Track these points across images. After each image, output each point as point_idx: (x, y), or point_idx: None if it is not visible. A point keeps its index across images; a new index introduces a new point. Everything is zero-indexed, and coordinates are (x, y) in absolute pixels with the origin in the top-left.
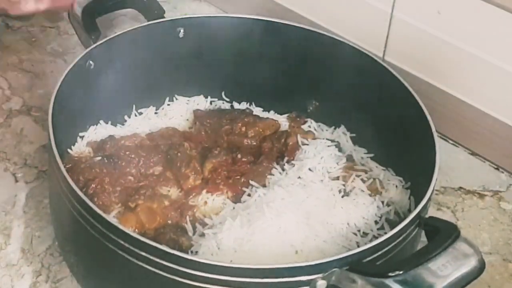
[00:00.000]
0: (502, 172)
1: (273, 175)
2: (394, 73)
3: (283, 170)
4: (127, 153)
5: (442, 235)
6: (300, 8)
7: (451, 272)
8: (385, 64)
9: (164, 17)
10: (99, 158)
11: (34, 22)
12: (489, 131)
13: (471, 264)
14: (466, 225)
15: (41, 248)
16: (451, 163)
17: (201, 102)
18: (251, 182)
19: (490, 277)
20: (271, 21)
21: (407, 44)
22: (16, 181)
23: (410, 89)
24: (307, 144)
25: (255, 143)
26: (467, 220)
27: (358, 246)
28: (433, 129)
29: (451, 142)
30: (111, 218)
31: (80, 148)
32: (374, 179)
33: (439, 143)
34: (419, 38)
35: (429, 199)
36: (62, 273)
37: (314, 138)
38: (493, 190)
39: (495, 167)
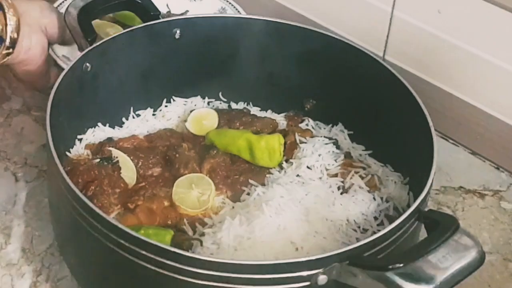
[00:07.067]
0: (503, 172)
1: (272, 173)
2: (394, 72)
3: (282, 168)
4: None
5: (441, 227)
6: (299, 7)
7: (451, 264)
8: (385, 63)
9: (159, 19)
10: (98, 160)
11: None
12: (490, 130)
13: (471, 255)
14: (466, 225)
15: (41, 247)
16: (451, 163)
17: (199, 103)
18: (250, 181)
19: (490, 276)
20: (268, 20)
21: (407, 43)
22: (17, 180)
23: (410, 89)
24: (305, 142)
25: None
26: (468, 220)
27: (358, 242)
28: (430, 124)
29: (451, 141)
30: (111, 218)
31: (79, 150)
32: (373, 175)
33: (436, 138)
34: (419, 37)
35: (428, 192)
36: (62, 273)
37: (312, 136)
38: (493, 190)
39: (496, 166)
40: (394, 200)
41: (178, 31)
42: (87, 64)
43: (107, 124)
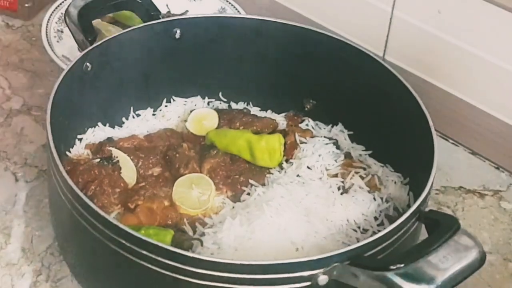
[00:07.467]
0: (502, 172)
1: (272, 173)
2: (394, 72)
3: (282, 168)
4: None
5: (442, 228)
6: (299, 7)
7: (452, 264)
8: (385, 64)
9: (160, 18)
10: (98, 160)
11: (34, 21)
12: (489, 130)
13: (472, 256)
14: (466, 225)
15: (41, 247)
16: (451, 163)
17: (199, 103)
18: (250, 181)
19: (490, 276)
20: (268, 20)
21: (408, 44)
22: (16, 180)
23: (410, 89)
24: (305, 143)
25: None
26: (468, 220)
27: (358, 243)
28: (431, 124)
29: (451, 141)
30: (112, 218)
31: (79, 150)
32: (373, 175)
33: (437, 138)
34: (419, 38)
35: (429, 192)
36: (62, 273)
37: (312, 136)
38: (493, 190)
39: (496, 166)
40: (394, 201)
41: (178, 31)
42: (88, 64)
43: (107, 124)
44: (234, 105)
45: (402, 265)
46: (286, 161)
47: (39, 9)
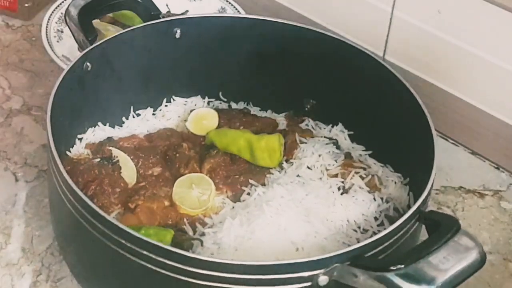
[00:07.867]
0: (503, 172)
1: (272, 173)
2: (395, 72)
3: (282, 168)
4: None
5: (442, 228)
6: (299, 7)
7: (452, 265)
8: (385, 64)
9: (160, 18)
10: (98, 160)
11: (34, 21)
12: (490, 130)
13: (472, 257)
14: (466, 225)
15: (41, 247)
16: (451, 163)
17: (199, 103)
18: (250, 181)
19: (490, 276)
20: (269, 20)
21: (408, 43)
22: (17, 180)
23: (410, 89)
24: (305, 143)
25: None
26: (468, 220)
27: (359, 243)
28: (431, 124)
29: (451, 141)
30: (112, 218)
31: (79, 150)
32: (373, 175)
33: (437, 138)
34: (419, 38)
35: (429, 193)
36: (62, 273)
37: (312, 137)
38: (493, 190)
39: (496, 166)
40: (394, 201)
41: (178, 31)
42: (88, 64)
43: (107, 124)
44: (234, 105)
45: (402, 266)
46: (286, 161)
47: (39, 9)
